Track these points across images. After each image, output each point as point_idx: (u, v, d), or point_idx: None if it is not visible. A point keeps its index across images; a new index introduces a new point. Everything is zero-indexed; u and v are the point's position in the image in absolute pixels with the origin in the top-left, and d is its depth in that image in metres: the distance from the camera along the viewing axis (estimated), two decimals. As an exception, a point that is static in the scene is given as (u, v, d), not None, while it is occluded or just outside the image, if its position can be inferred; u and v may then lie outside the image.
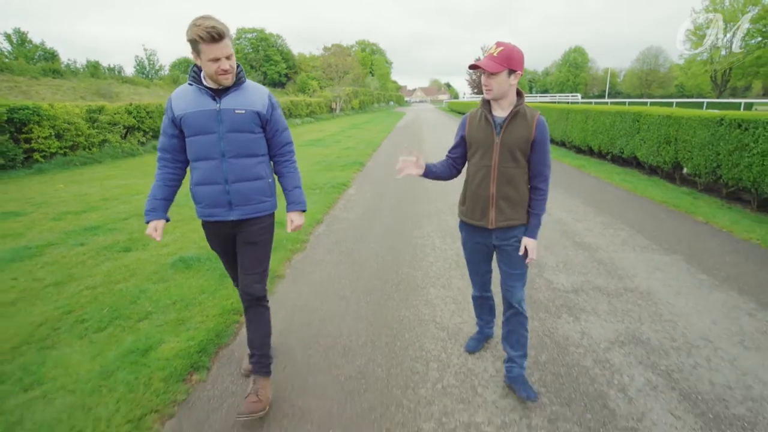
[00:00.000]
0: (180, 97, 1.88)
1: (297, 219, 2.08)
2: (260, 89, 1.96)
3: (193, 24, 1.69)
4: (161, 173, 1.99)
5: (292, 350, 2.52)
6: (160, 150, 1.98)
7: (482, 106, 1.93)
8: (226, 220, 1.95)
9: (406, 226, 4.92)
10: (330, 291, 3.30)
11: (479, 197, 1.95)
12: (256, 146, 1.94)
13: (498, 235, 1.98)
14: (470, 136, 1.97)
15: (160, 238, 1.95)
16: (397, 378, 2.23)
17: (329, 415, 1.98)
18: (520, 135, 1.84)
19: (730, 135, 5.61)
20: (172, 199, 2.03)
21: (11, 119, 9.39)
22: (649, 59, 66.28)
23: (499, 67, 1.75)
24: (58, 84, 31.26)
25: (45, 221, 5.39)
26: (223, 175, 1.88)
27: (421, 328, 2.71)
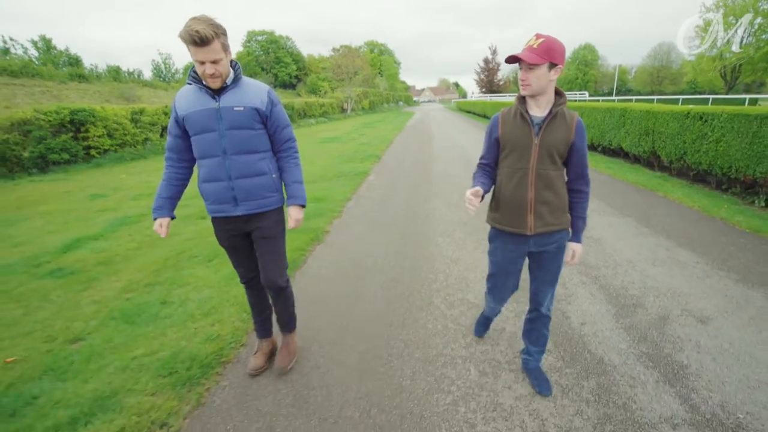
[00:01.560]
0: (182, 97, 1.91)
1: (295, 213, 2.09)
2: (259, 86, 1.96)
3: (185, 24, 1.69)
4: (167, 173, 2.06)
5: (346, 271, 3.72)
6: (167, 150, 2.05)
7: (518, 103, 1.79)
8: (233, 215, 2.01)
9: (418, 201, 6.11)
10: (364, 239, 4.50)
11: (515, 202, 1.80)
12: (257, 142, 1.96)
13: (536, 241, 1.86)
14: (505, 135, 1.81)
15: (165, 234, 2.03)
16: (418, 281, 3.41)
17: (375, 297, 3.18)
18: (561, 137, 1.73)
19: (693, 126, 6.67)
20: (178, 197, 2.11)
21: (72, 120, 10.82)
22: (661, 55, 65.81)
23: (539, 59, 1.61)
24: (85, 88, 32.99)
25: (127, 200, 6.71)
26: (226, 171, 1.92)
27: (432, 258, 3.89)
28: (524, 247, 1.89)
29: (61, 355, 2.55)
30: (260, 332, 2.41)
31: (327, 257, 4.04)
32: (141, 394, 2.12)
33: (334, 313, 2.96)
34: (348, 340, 2.61)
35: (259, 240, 2.07)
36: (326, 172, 8.71)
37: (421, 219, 5.20)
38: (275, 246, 2.10)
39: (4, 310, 3.18)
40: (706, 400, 1.99)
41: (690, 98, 30.59)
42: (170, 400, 2.09)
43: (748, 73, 43.43)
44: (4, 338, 2.78)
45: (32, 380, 2.32)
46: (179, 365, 2.32)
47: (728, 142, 5.84)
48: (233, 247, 2.14)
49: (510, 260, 1.95)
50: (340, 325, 2.79)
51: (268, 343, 2.42)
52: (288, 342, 2.39)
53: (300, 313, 3.00)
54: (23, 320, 3.02)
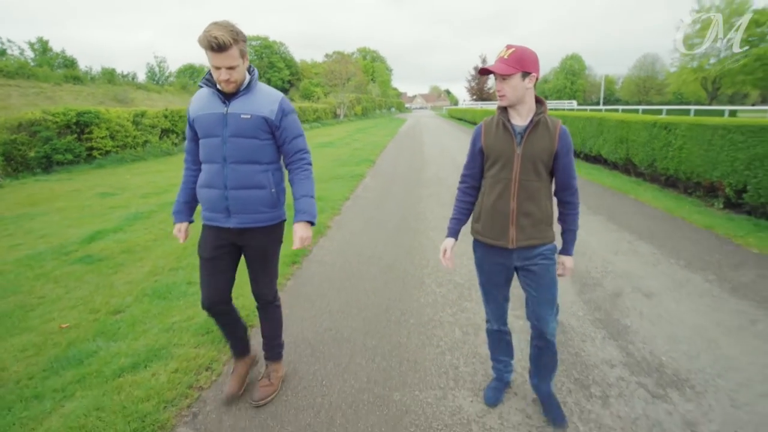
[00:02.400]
0: (196, 99, 1.91)
1: (301, 231, 1.92)
2: (272, 94, 1.90)
3: (205, 29, 1.68)
4: (185, 175, 2.05)
5: (348, 258, 4.20)
6: (185, 152, 2.05)
7: (499, 113, 1.77)
8: (225, 226, 1.92)
9: (411, 201, 6.62)
10: (363, 233, 4.99)
11: (497, 213, 1.77)
12: (260, 153, 1.88)
13: (520, 254, 1.80)
14: (488, 146, 1.78)
15: (183, 239, 2.04)
16: (411, 266, 3.91)
17: (374, 278, 3.67)
18: (543, 146, 1.70)
19: (660, 135, 7.32)
20: (197, 201, 2.05)
21: (78, 122, 11.15)
22: (646, 66, 67.61)
23: (511, 69, 1.61)
24: (79, 90, 33.00)
25: (136, 198, 7.11)
26: (223, 180, 1.85)
27: (424, 248, 4.39)
28: (508, 260, 1.82)
29: (107, 323, 2.99)
30: (236, 352, 2.23)
31: (330, 247, 4.52)
32: (186, 347, 2.58)
33: (340, 290, 3.45)
34: (353, 310, 3.09)
35: (254, 257, 2.01)
36: (323, 174, 9.19)
37: (413, 216, 5.71)
38: (266, 262, 2.03)
39: (46, 289, 3.60)
40: (639, 350, 2.52)
41: (673, 109, 31.77)
42: (211, 351, 2.55)
43: (728, 84, 45.21)
44: (52, 311, 3.20)
45: (87, 341, 2.75)
46: (214, 328, 2.78)
47: (689, 150, 6.48)
48: (213, 258, 1.95)
49: (496, 272, 1.88)
50: (346, 300, 3.27)
51: (247, 360, 2.27)
52: (270, 372, 2.17)
53: (310, 290, 3.48)
54: (66, 297, 3.44)
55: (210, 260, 1.98)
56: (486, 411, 2.05)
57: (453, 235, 1.93)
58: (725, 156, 5.72)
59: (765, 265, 3.77)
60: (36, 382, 2.33)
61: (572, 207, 1.85)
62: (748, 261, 3.88)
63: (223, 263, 1.99)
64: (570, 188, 1.82)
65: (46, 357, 2.57)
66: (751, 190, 5.32)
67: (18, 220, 5.88)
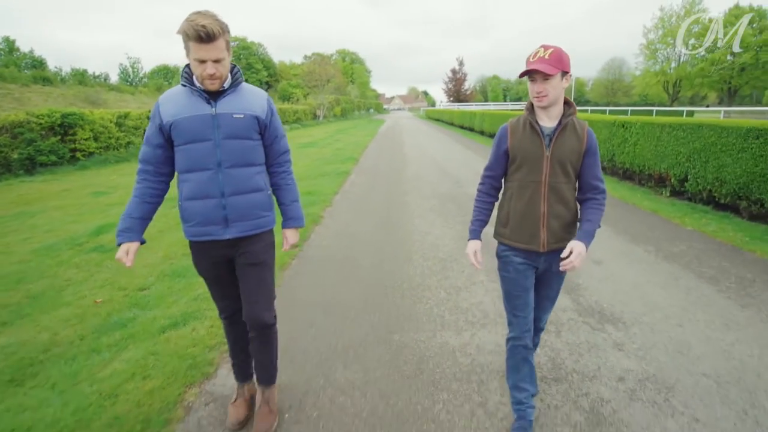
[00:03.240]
0: (169, 100, 1.70)
1: (292, 237, 1.94)
2: (258, 92, 1.82)
3: (186, 18, 1.55)
4: (140, 188, 1.80)
5: (344, 242, 4.71)
6: (141, 161, 1.79)
7: (528, 114, 1.74)
8: (221, 239, 1.76)
9: (396, 194, 7.18)
10: (354, 222, 5.50)
11: (528, 217, 1.73)
12: (254, 154, 1.79)
13: (546, 258, 1.78)
14: (515, 148, 1.75)
15: (130, 263, 1.74)
16: (400, 246, 4.46)
17: (368, 256, 4.19)
18: (572, 148, 1.69)
19: (618, 132, 8.14)
20: (151, 218, 1.85)
21: (62, 123, 11.19)
22: (614, 69, 70.42)
23: (554, 69, 1.59)
24: (48, 91, 32.08)
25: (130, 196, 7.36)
26: (219, 187, 1.71)
27: (410, 232, 4.95)
28: (536, 263, 1.79)
29: (137, 297, 3.40)
30: (240, 375, 2.06)
31: (326, 233, 5.02)
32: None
33: (339, 267, 3.96)
34: (352, 281, 3.61)
35: (245, 267, 1.82)
36: (310, 172, 9.64)
37: (398, 207, 6.27)
38: (263, 274, 1.86)
39: (70, 273, 3.96)
40: (587, 300, 3.14)
41: (637, 109, 33.67)
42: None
43: (687, 87, 48.01)
44: (82, 290, 3.58)
45: (124, 311, 3.17)
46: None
47: (642, 146, 7.30)
48: (216, 277, 1.87)
49: (523, 273, 1.79)
50: (345, 274, 3.78)
51: (250, 387, 2.08)
52: (268, 399, 1.99)
53: (312, 268, 3.97)
54: (91, 279, 3.81)
55: (215, 279, 1.88)
56: (467, 343, 2.61)
57: (478, 237, 1.89)
58: (671, 150, 6.54)
59: (694, 239, 4.52)
60: (89, 342, 2.75)
61: (598, 203, 1.75)
62: (681, 236, 4.62)
63: (229, 276, 1.88)
64: (597, 189, 1.75)
65: (91, 324, 2.98)
66: (690, 179, 6.13)
67: (18, 218, 6.10)
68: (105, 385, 2.28)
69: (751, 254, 4.04)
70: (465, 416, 2.01)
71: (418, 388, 2.22)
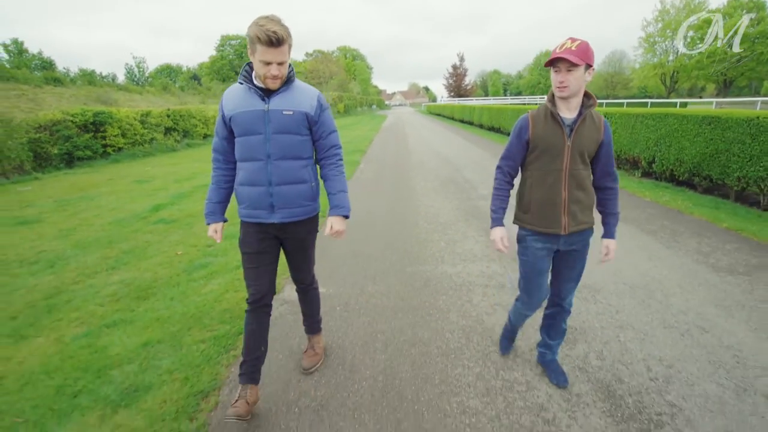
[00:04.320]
0: (231, 96, 1.88)
1: (337, 224, 2.01)
2: (309, 90, 1.93)
3: (256, 23, 1.68)
4: (215, 175, 2.01)
5: (360, 215, 5.71)
6: (214, 151, 2.01)
7: (550, 105, 1.82)
8: (267, 222, 1.95)
9: (402, 179, 8.18)
10: (367, 201, 6.51)
11: (550, 204, 1.84)
12: (302, 149, 1.93)
13: (566, 240, 1.90)
14: (536, 137, 1.83)
15: (220, 239, 2.06)
16: (408, 216, 5.45)
17: (381, 224, 5.19)
18: (591, 137, 1.79)
19: (600, 122, 9.09)
20: (228, 200, 2.07)
21: (94, 121, 12.23)
22: (614, 62, 70.56)
23: (580, 60, 1.64)
24: (60, 92, 33.01)
25: (171, 183, 8.41)
26: (267, 177, 1.88)
27: (416, 207, 5.94)
28: (555, 245, 1.91)
29: (207, 251, 4.41)
30: (247, 376, 2.01)
31: (346, 208, 6.03)
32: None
33: (360, 230, 4.97)
34: (371, 240, 4.62)
35: (294, 248, 2.09)
36: (324, 162, 10.63)
37: (405, 188, 7.27)
38: (306, 253, 2.14)
39: (146, 237, 4.98)
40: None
41: (633, 101, 34.38)
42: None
43: (684, 79, 48.55)
44: (162, 247, 4.60)
45: (200, 259, 4.18)
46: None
47: (620, 134, 8.25)
48: (259, 252, 1.99)
49: (540, 258, 1.94)
50: (366, 235, 4.79)
51: (253, 391, 2.00)
52: (314, 344, 2.42)
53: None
54: (164, 240, 4.83)
55: (256, 254, 1.99)
56: (459, 271, 3.62)
57: (502, 224, 2.00)
58: (642, 137, 7.49)
59: (648, 206, 5.51)
60: (183, 277, 3.76)
61: (613, 192, 1.93)
62: (639, 204, 5.61)
63: (269, 256, 2.02)
64: (611, 174, 1.90)
65: (179, 267, 4.00)
66: (657, 161, 7.09)
67: (83, 201, 7.13)
68: (208, 296, 3.30)
69: (689, 216, 5.02)
70: (457, 306, 3.02)
71: (425, 293, 3.24)
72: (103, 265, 4.11)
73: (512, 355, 2.42)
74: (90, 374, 2.35)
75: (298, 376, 2.30)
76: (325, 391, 2.19)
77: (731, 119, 5.44)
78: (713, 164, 5.82)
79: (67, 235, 5.18)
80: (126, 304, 3.25)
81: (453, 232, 4.69)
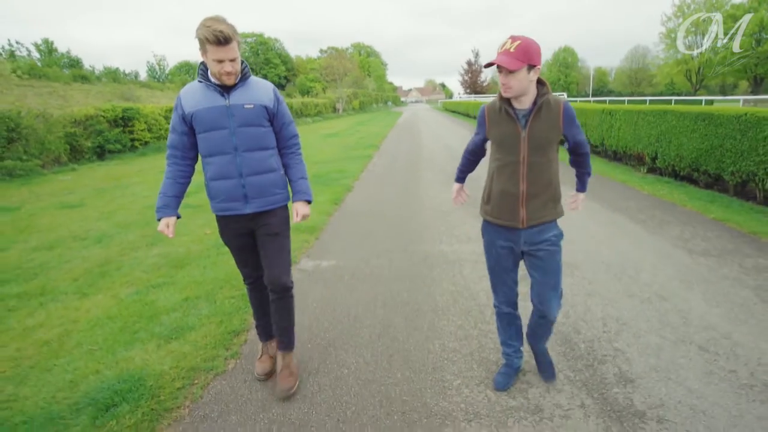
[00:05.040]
0: (189, 94, 1.93)
1: (302, 209, 2.11)
2: (265, 84, 2.03)
3: (203, 24, 1.76)
4: (171, 170, 2.06)
5: (371, 203, 6.19)
6: (169, 147, 2.04)
7: (500, 100, 1.79)
8: (242, 213, 2.01)
9: (412, 172, 8.62)
10: (378, 191, 6.98)
11: (507, 196, 1.82)
12: (266, 139, 2.01)
13: (528, 237, 1.85)
14: (492, 130, 1.84)
15: (172, 234, 2.03)
16: (414, 202, 5.91)
17: (391, 209, 5.66)
18: (549, 126, 1.74)
19: (606, 119, 9.33)
20: (182, 195, 2.11)
21: (123, 117, 13.03)
22: (637, 58, 68.20)
23: (518, 63, 1.62)
24: (87, 89, 34.52)
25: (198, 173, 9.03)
26: (237, 169, 1.95)
27: (422, 196, 6.38)
28: (517, 242, 1.88)
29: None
30: (264, 334, 2.35)
31: (357, 197, 6.52)
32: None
33: (369, 215, 5.45)
34: (379, 223, 5.09)
35: (265, 237, 2.07)
36: (338, 156, 11.15)
37: (413, 180, 7.71)
38: (282, 243, 2.11)
39: (189, 218, 5.55)
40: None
41: (656, 99, 33.73)
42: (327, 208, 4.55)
43: (710, 76, 47.31)
44: (190, 227, 5.16)
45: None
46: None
47: (624, 130, 8.50)
48: (240, 246, 2.12)
49: (503, 256, 1.93)
50: (374, 219, 5.26)
51: (271, 344, 2.35)
52: (288, 363, 2.22)
53: (348, 217, 5.46)
54: (191, 223, 5.40)
55: (239, 247, 2.14)
56: (455, 249, 4.05)
57: (459, 181, 2.20)
58: (645, 133, 7.74)
59: (643, 198, 5.82)
60: (213, 252, 4.30)
61: (584, 156, 1.98)
62: (635, 196, 5.93)
63: (249, 246, 2.14)
64: (582, 146, 1.93)
65: (208, 244, 4.55)
66: (659, 157, 7.34)
67: (116, 189, 7.82)
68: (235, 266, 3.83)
69: (682, 207, 5.33)
70: (449, 277, 3.47)
71: (422, 267, 3.70)
72: (143, 242, 4.70)
73: (490, 313, 2.86)
74: (144, 319, 2.90)
75: (310, 324, 2.79)
76: (332, 334, 2.68)
77: (723, 116, 5.69)
78: (710, 159, 6.07)
79: (108, 217, 5.82)
80: (166, 272, 3.81)
81: (452, 219, 5.12)
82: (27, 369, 2.43)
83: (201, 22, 1.77)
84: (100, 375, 2.30)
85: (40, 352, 2.59)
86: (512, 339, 2.14)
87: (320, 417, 1.98)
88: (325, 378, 2.27)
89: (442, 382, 2.20)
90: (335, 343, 2.58)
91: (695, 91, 47.82)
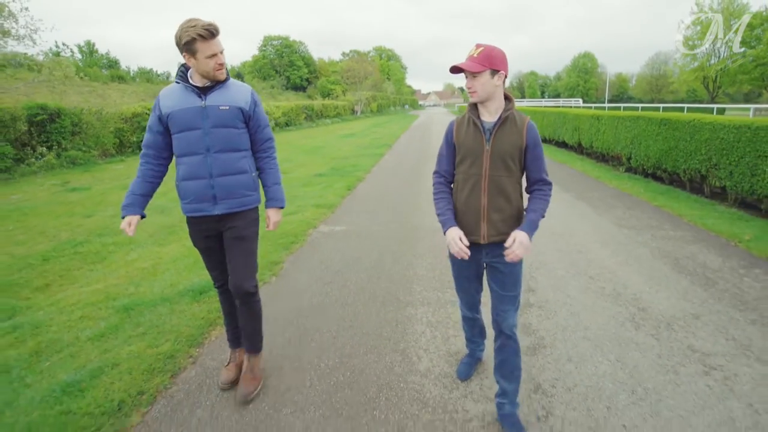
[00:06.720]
0: (167, 95, 1.97)
1: (274, 216, 2.13)
2: (243, 87, 2.05)
3: (188, 26, 1.80)
4: (143, 169, 2.06)
5: (379, 190, 7.40)
6: (144, 146, 2.05)
7: (469, 110, 1.85)
8: (211, 214, 2.02)
9: (419, 167, 9.82)
10: (386, 182, 8.20)
11: (469, 209, 1.83)
12: (239, 141, 2.03)
13: (489, 251, 1.87)
14: (459, 142, 1.87)
15: (132, 233, 1.99)
16: (415, 194, 7.09)
17: (394, 195, 6.86)
18: (511, 141, 1.77)
19: (595, 124, 10.32)
20: (151, 195, 2.10)
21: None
22: (658, 64, 66.95)
23: (480, 66, 1.69)
24: (123, 88, 36.93)
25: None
26: (207, 169, 1.97)
27: (426, 188, 7.55)
28: (479, 255, 1.89)
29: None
30: (233, 341, 2.35)
31: (367, 186, 7.75)
32: (312, 208, 5.82)
33: (377, 198, 6.67)
34: (384, 204, 6.30)
35: (232, 240, 2.06)
36: (353, 153, 12.42)
37: (419, 174, 8.90)
38: (248, 247, 2.09)
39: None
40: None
41: (669, 106, 33.85)
42: (333, 198, 5.80)
43: (728, 84, 46.80)
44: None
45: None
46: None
47: (607, 133, 9.49)
48: (208, 248, 2.13)
49: (466, 267, 1.96)
50: (381, 200, 6.47)
51: (241, 353, 2.33)
52: (252, 366, 2.22)
53: (359, 199, 6.70)
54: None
55: (207, 249, 2.14)
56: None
57: (454, 224, 1.85)
58: (622, 136, 8.73)
59: (607, 190, 6.87)
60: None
61: (543, 194, 1.83)
62: (600, 189, 6.99)
63: (218, 248, 2.14)
64: (542, 180, 1.82)
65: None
66: (633, 157, 8.33)
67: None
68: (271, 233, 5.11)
69: (635, 197, 6.36)
70: (429, 237, 4.66)
71: (411, 232, 4.90)
72: (197, 212, 6.03)
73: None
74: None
75: (322, 260, 4.01)
76: (341, 266, 3.90)
77: (678, 122, 6.70)
78: (668, 159, 7.06)
79: (163, 195, 7.16)
80: (219, 230, 5.11)
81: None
82: (139, 279, 3.72)
83: (182, 26, 1.84)
84: (190, 280, 3.58)
85: (143, 272, 3.89)
86: (476, 337, 2.33)
87: (331, 302, 3.20)
88: (335, 288, 3.48)
89: (411, 289, 3.40)
90: (342, 270, 3.80)
91: (712, 98, 47.25)
